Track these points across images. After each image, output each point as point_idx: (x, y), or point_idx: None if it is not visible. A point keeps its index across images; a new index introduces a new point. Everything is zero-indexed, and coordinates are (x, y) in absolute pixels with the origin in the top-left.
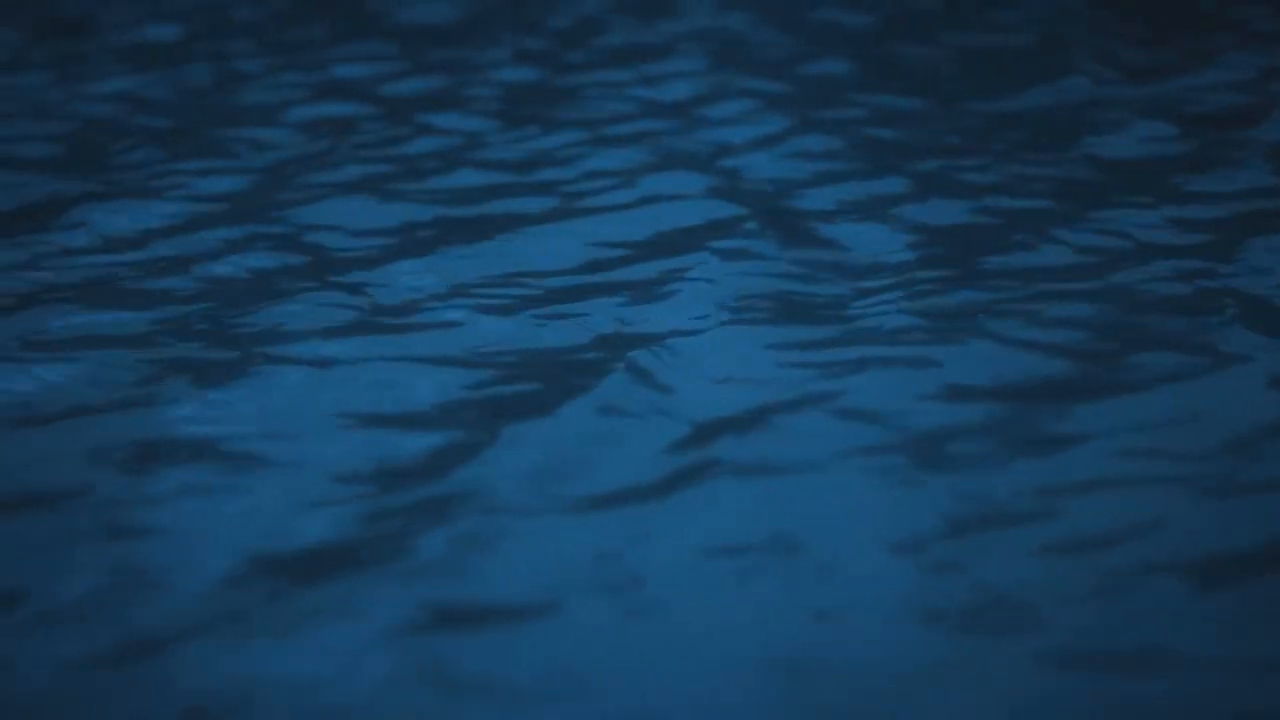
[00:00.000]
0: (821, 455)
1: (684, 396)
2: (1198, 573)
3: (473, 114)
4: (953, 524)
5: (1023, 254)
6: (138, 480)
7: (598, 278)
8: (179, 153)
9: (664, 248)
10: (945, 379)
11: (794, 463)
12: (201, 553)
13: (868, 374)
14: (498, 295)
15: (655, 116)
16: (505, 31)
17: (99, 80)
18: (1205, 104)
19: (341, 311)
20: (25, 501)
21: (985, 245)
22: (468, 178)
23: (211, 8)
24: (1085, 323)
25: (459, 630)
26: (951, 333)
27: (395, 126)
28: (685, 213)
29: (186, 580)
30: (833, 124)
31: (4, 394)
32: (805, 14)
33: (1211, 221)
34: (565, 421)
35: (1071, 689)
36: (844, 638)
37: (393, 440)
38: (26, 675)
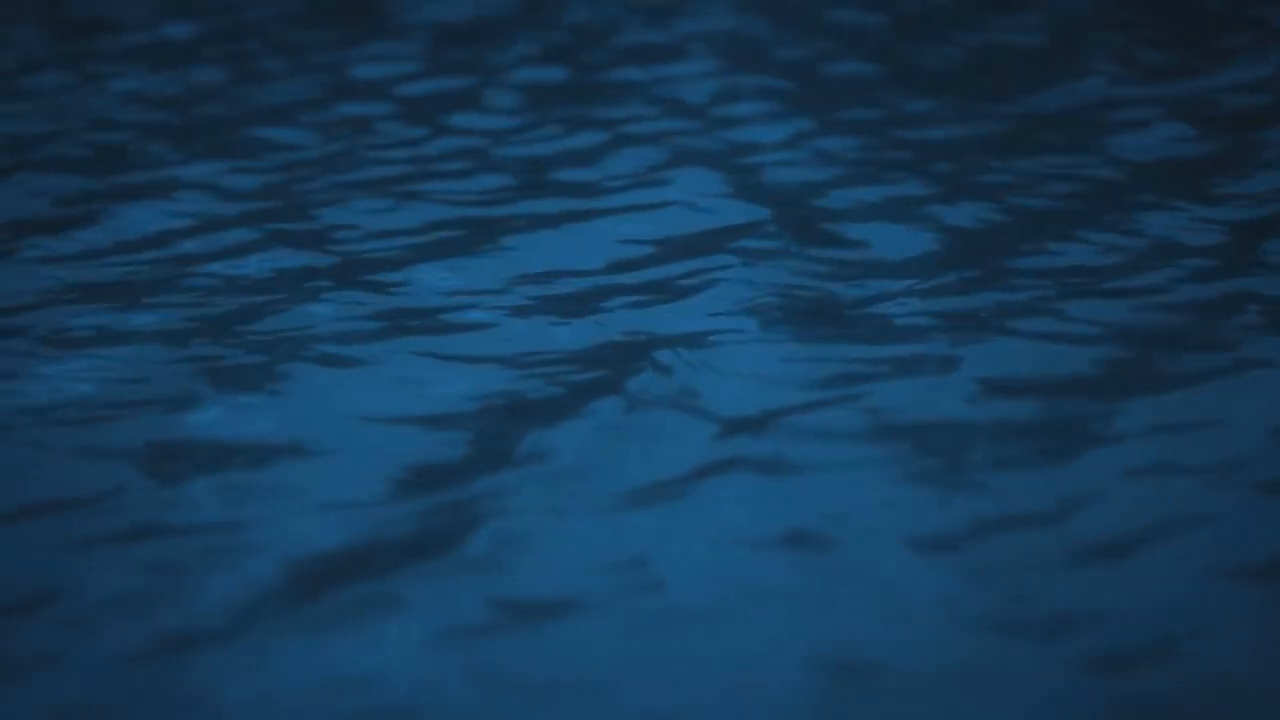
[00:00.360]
0: (846, 455)
1: (707, 396)
2: (1225, 575)
3: (491, 114)
4: (978, 524)
5: (1045, 255)
6: (167, 482)
7: (620, 278)
8: (198, 153)
9: (685, 248)
10: (968, 379)
11: (818, 463)
12: (233, 553)
13: (891, 374)
14: (520, 296)
15: (674, 117)
16: (522, 31)
17: (117, 80)
18: (1225, 104)
19: (367, 312)
20: (56, 504)
21: (1007, 246)
22: (488, 178)
23: (228, 7)
24: (1108, 324)
25: (489, 631)
26: (974, 333)
27: (413, 127)
28: (706, 213)
29: (219, 581)
30: (852, 124)
31: (28, 395)
32: (821, 14)
33: (1234, 223)
34: (590, 421)
35: (1101, 690)
36: (869, 638)
37: (420, 441)
38: (62, 674)
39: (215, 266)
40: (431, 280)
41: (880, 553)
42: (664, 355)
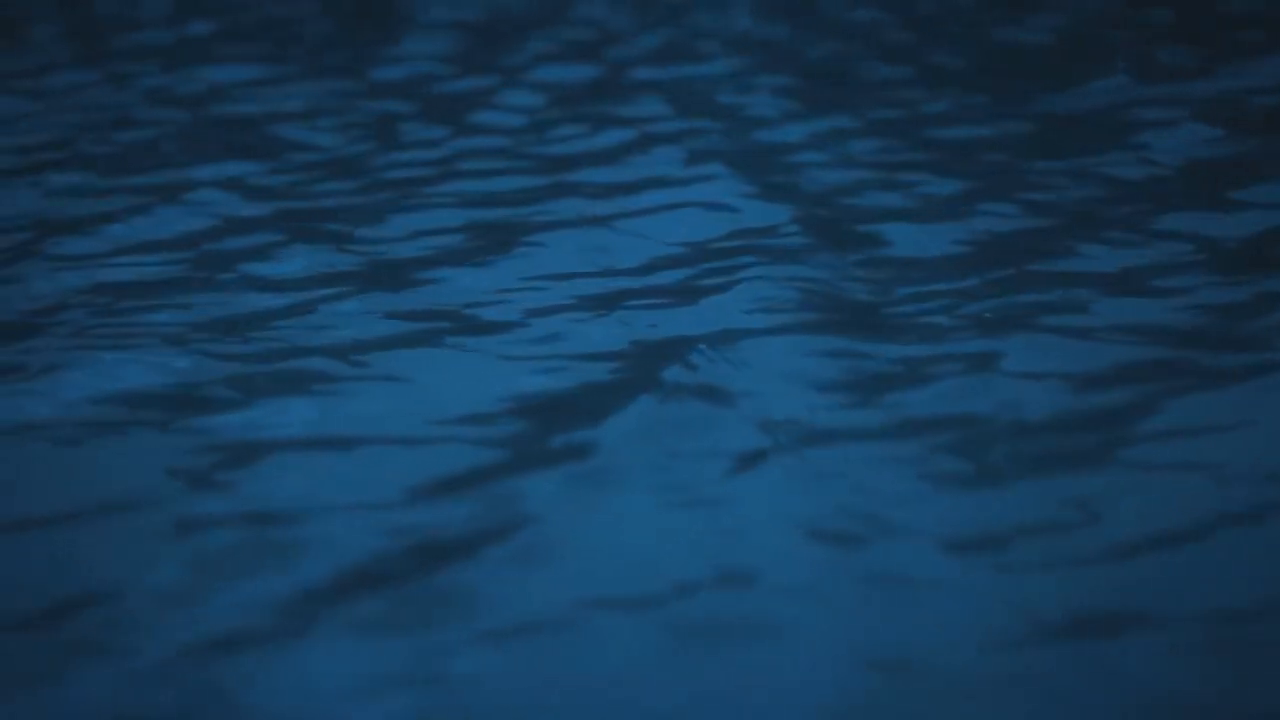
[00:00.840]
0: (877, 455)
1: (738, 396)
2: (1263, 573)
3: (514, 113)
4: (1008, 523)
5: (1075, 256)
6: (199, 483)
7: (647, 278)
8: (222, 152)
9: (712, 248)
10: (998, 381)
11: (849, 462)
12: (272, 553)
13: (920, 373)
14: (547, 295)
15: (697, 117)
16: (541, 29)
17: (140, 79)
18: (1250, 105)
19: (397, 311)
20: (103, 506)
21: (1035, 246)
22: (513, 178)
23: (249, 6)
24: (1138, 324)
25: (531, 630)
26: (1003, 333)
27: (436, 126)
28: (732, 213)
29: (260, 582)
30: (876, 125)
31: (60, 395)
32: (838, 14)
33: (1263, 223)
34: (620, 421)
35: (1130, 688)
36: (902, 638)
37: (452, 440)
38: (109, 675)
39: (243, 267)
40: (458, 279)
41: (911, 552)
42: (693, 355)
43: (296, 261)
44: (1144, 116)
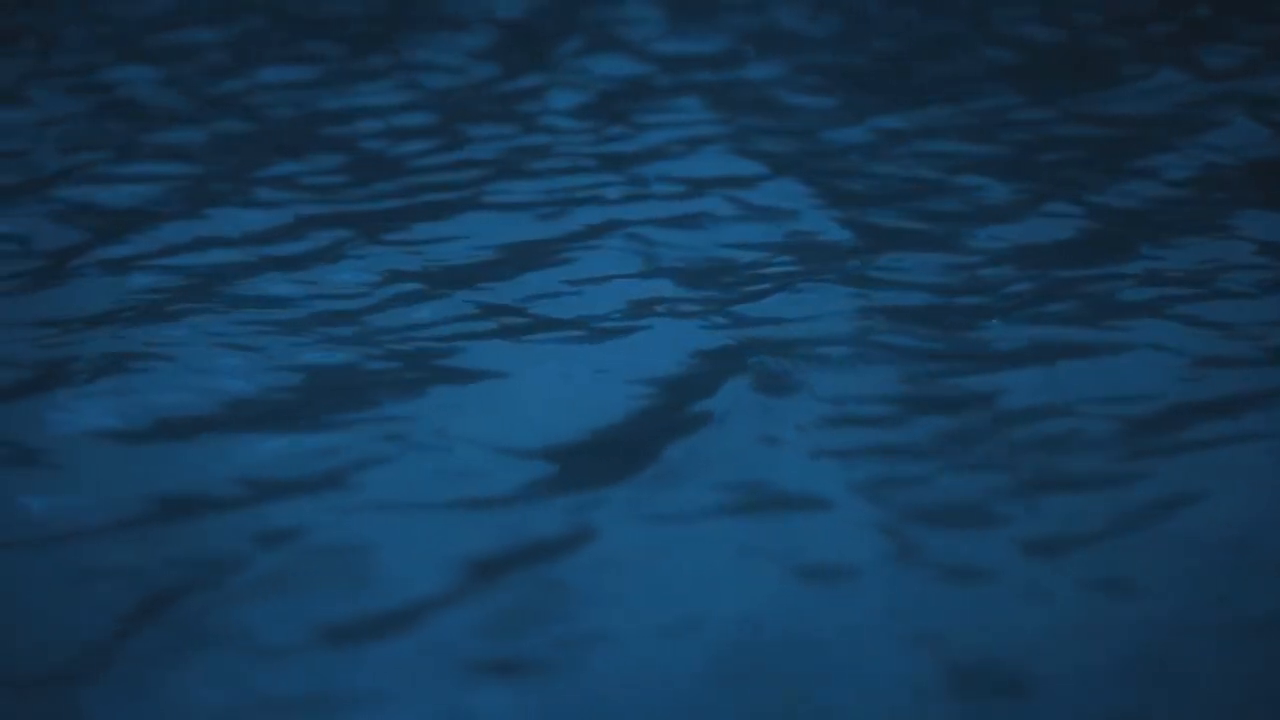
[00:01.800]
0: (948, 459)
1: (801, 401)
2: None
3: (561, 114)
4: (1091, 528)
5: (1138, 258)
6: (283, 487)
7: (705, 280)
8: (271, 154)
9: (769, 249)
10: (1065, 384)
11: (921, 468)
12: (347, 558)
13: (986, 376)
14: (607, 297)
15: (747, 117)
16: (583, 30)
17: (184, 80)
18: None
19: (457, 315)
20: (184, 506)
21: (1095, 246)
22: (561, 179)
23: (291, 5)
24: (1208, 326)
25: (606, 639)
26: (1067, 337)
27: (484, 126)
28: (788, 215)
29: (346, 587)
30: (928, 125)
31: (128, 402)
32: (887, 13)
33: None
34: (685, 424)
35: (1232, 695)
36: (992, 644)
37: (517, 447)
38: (212, 672)
39: (304, 267)
40: (518, 280)
41: (988, 555)
42: (754, 360)
43: (356, 263)
44: (1196, 115)
